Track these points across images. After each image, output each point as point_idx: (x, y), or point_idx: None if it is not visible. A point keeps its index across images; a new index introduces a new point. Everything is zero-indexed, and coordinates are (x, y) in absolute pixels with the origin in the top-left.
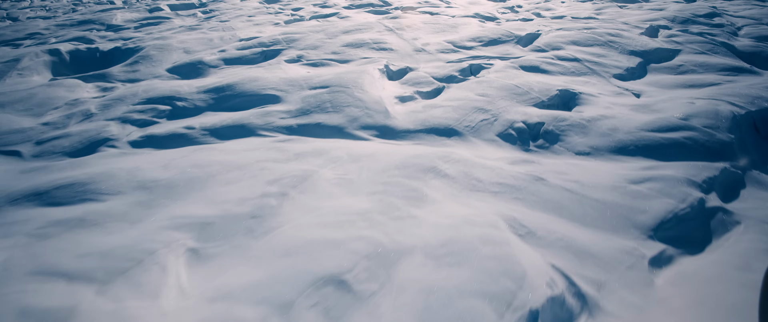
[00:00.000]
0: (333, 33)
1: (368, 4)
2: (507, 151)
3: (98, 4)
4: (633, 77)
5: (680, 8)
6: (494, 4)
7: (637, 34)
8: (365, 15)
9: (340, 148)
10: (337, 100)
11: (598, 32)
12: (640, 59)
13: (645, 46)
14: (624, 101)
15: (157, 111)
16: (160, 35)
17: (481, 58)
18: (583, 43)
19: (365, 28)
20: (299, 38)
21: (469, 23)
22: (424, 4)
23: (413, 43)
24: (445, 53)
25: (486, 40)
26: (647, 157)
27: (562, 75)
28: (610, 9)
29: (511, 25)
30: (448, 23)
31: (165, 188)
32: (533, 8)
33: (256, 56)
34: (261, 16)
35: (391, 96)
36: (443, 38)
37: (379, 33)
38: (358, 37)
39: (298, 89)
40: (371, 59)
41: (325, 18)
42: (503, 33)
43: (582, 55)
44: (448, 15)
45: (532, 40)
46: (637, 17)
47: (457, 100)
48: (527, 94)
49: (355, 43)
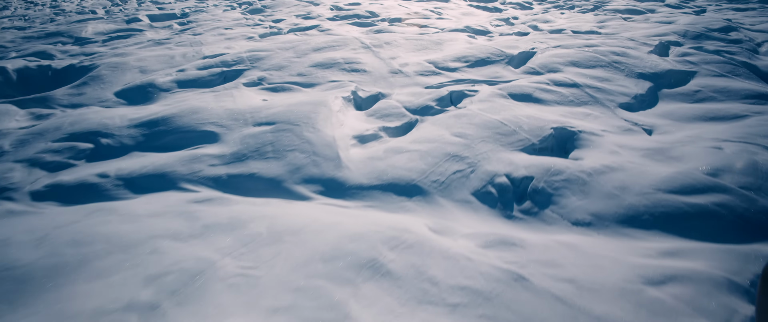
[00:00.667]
0: (303, 51)
1: (354, 16)
2: (482, 220)
3: (79, 14)
4: (642, 106)
5: (691, 21)
6: (489, 15)
7: (646, 52)
8: (348, 28)
9: (264, 217)
10: (280, 143)
11: (600, 51)
12: (650, 84)
13: (655, 67)
14: (634, 142)
15: (76, 151)
16: (123, 51)
17: (465, 83)
18: (583, 65)
19: (340, 45)
20: (266, 57)
21: (456, 39)
22: (414, 16)
23: (390, 63)
24: (425, 76)
25: (473, 61)
26: (667, 231)
27: (559, 105)
28: (613, 21)
29: (503, 41)
30: (432, 39)
31: (13, 284)
32: (530, 20)
33: (214, 78)
34: (238, 28)
35: (349, 135)
36: (425, 57)
37: (354, 51)
38: (329, 55)
39: (242, 125)
40: (339, 83)
41: (305, 31)
42: (493, 51)
43: (582, 79)
44: (437, 28)
45: (525, 60)
46: (643, 31)
47: (428, 141)
48: (514, 134)
49: (325, 64)
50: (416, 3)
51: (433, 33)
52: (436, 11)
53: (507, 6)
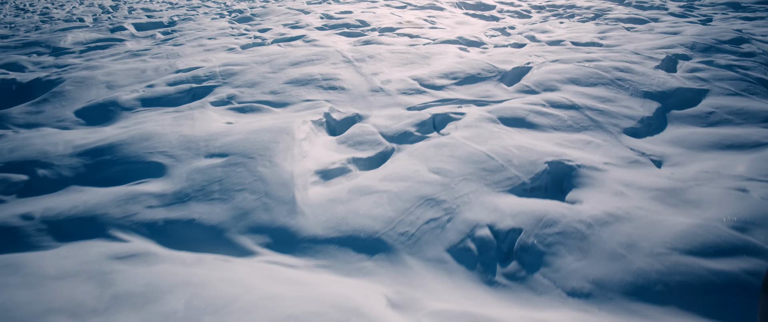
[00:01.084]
0: (280, 65)
1: (343, 25)
2: (457, 287)
3: (66, 21)
4: (650, 131)
5: (698, 32)
6: (484, 24)
7: (652, 67)
8: (335, 38)
9: (187, 284)
10: (230, 180)
11: (602, 66)
12: (657, 104)
13: (662, 84)
14: (642, 178)
15: (7, 184)
16: (96, 63)
17: (451, 103)
18: (584, 82)
19: (320, 59)
20: (240, 71)
21: (446, 52)
22: (406, 25)
23: (371, 79)
24: (408, 95)
25: (461, 77)
26: (687, 309)
27: (556, 131)
28: (615, 32)
29: (497, 54)
30: (420, 52)
31: None
32: (527, 30)
33: (182, 95)
34: (221, 39)
35: (312, 170)
36: (410, 73)
37: (334, 65)
38: (307, 71)
39: (193, 156)
40: (313, 103)
41: (289, 41)
42: (485, 67)
43: (583, 99)
44: (428, 38)
45: (519, 76)
46: (648, 43)
47: (401, 179)
48: (502, 170)
49: (302, 80)
50: (410, 11)
51: (422, 45)
52: (429, 20)
53: (504, 14)
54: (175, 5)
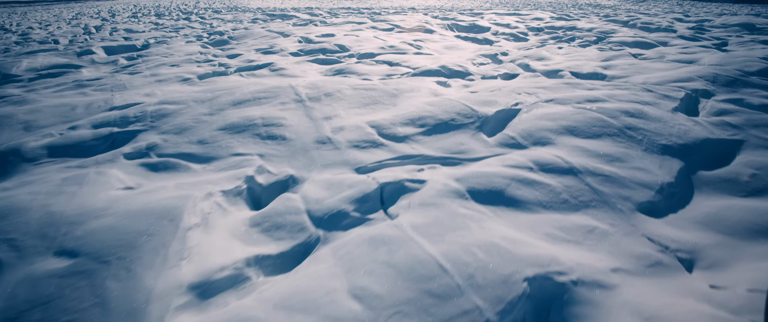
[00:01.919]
0: (221, 105)
1: (320, 50)
2: None
3: (40, 43)
4: (673, 206)
5: (718, 61)
6: (476, 48)
7: (668, 109)
8: (306, 67)
9: None
10: (61, 304)
11: (608, 109)
12: (679, 163)
13: (684, 134)
14: (670, 299)
15: None
16: (31, 97)
17: (412, 162)
18: (584, 133)
19: (268, 98)
20: (175, 112)
21: (419, 88)
22: (388, 50)
23: (321, 126)
24: (360, 149)
25: (431, 124)
26: None
27: (545, 211)
28: (621, 59)
29: (481, 89)
30: (387, 89)
31: None
32: (521, 57)
33: (98, 143)
34: (184, 66)
35: (186, 284)
36: (370, 117)
37: (283, 106)
38: (249, 113)
39: (39, 252)
40: (242, 159)
41: (254, 71)
42: (461, 110)
43: (583, 158)
44: (408, 67)
45: (504, 122)
46: (660, 74)
47: (304, 309)
48: (458, 296)
49: (239, 126)
50: (397, 34)
51: (399, 75)
52: (415, 44)
53: (499, 37)
54: (160, 26)
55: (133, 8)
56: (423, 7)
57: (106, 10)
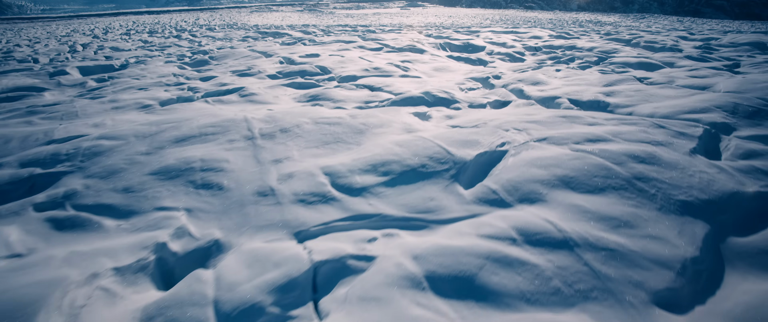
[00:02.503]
0: (162, 142)
1: (299, 73)
2: None
3: (20, 62)
4: (699, 296)
5: (736, 86)
6: (468, 70)
7: (685, 150)
8: (279, 92)
9: None
10: None
11: (613, 153)
12: (704, 227)
13: (708, 186)
14: None
15: None
16: None
17: (366, 224)
18: (583, 186)
19: (216, 133)
20: (110, 150)
21: (392, 122)
22: (372, 72)
23: (267, 171)
24: (306, 205)
25: (397, 172)
26: None
27: (529, 308)
28: (626, 84)
29: (464, 124)
30: (354, 124)
31: None
32: (515, 80)
33: (13, 188)
34: (152, 89)
35: None
36: (326, 161)
37: (230, 145)
38: (190, 153)
39: None
40: (163, 216)
41: (222, 96)
42: (435, 153)
43: (581, 224)
44: (390, 93)
45: (485, 169)
46: (671, 104)
47: None
48: None
49: (174, 169)
50: (385, 54)
51: (377, 103)
52: (403, 65)
53: (494, 58)
54: (147, 45)
55: (132, 24)
56: (420, 25)
57: (102, 26)
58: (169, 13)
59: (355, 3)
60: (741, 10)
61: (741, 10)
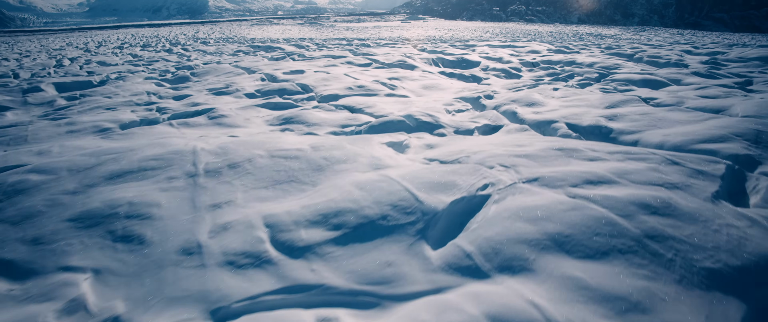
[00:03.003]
0: (93, 179)
1: (278, 92)
2: None
3: (1, 77)
4: None
5: (754, 109)
6: (459, 87)
7: (706, 195)
8: (252, 113)
9: None
10: None
11: (617, 201)
12: (739, 308)
13: (737, 246)
14: None
15: None
16: None
17: (302, 301)
18: (581, 248)
19: (157, 169)
20: (36, 186)
21: (358, 156)
22: (356, 91)
23: (200, 221)
24: (234, 270)
25: (352, 225)
26: None
27: None
28: (630, 106)
29: (443, 157)
30: (315, 158)
31: None
32: (509, 100)
33: None
34: (120, 109)
35: None
36: (273, 206)
37: (167, 183)
38: (119, 194)
39: None
40: (65, 280)
41: (190, 118)
42: (401, 199)
43: (578, 310)
44: (370, 115)
45: (461, 221)
46: (683, 131)
47: None
48: None
49: (95, 215)
50: (374, 70)
51: (354, 127)
52: (390, 83)
53: (488, 74)
54: (136, 59)
55: (130, 38)
56: (418, 38)
57: (99, 39)
58: (170, 27)
59: (355, 16)
60: (741, 23)
61: (741, 22)
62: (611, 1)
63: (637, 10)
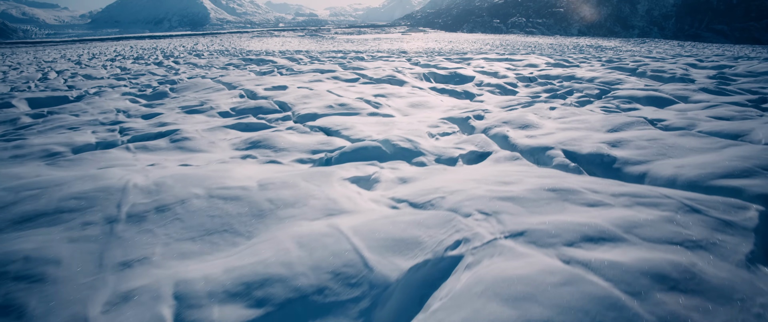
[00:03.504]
0: (6, 221)
1: (254, 110)
2: None
3: None
4: None
5: None
6: (449, 106)
7: (738, 259)
8: (219, 136)
9: None
10: None
11: (625, 269)
12: None
13: None
14: None
15: None
16: None
17: None
18: None
19: (77, 210)
20: None
21: (311, 199)
22: (337, 109)
23: (101, 286)
24: None
25: (280, 299)
26: None
27: None
28: (635, 130)
29: (413, 196)
30: (259, 200)
31: None
32: (500, 121)
33: None
34: (80, 130)
35: None
36: (194, 268)
37: (81, 231)
38: (17, 246)
39: None
40: None
41: (151, 140)
42: (346, 263)
43: None
44: (345, 139)
45: (418, 300)
46: (698, 162)
47: None
48: None
49: None
50: (361, 86)
51: (325, 154)
52: (374, 101)
53: (482, 90)
54: (123, 71)
55: (129, 50)
56: (415, 51)
57: (96, 51)
58: (170, 39)
59: (356, 28)
60: (742, 35)
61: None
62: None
63: (638, 22)
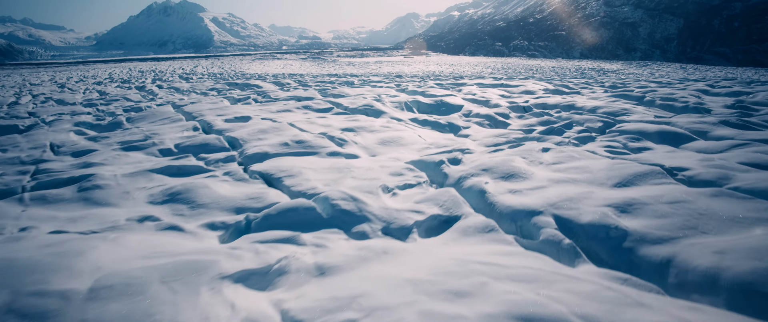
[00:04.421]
0: None
1: (199, 147)
2: None
3: None
4: None
5: None
6: (429, 141)
7: None
8: (144, 182)
9: None
10: None
11: None
12: None
13: None
14: None
15: None
16: None
17: None
18: None
19: None
20: None
21: (212, 309)
22: (293, 147)
23: None
24: None
25: None
26: None
27: None
28: (650, 186)
29: None
30: (151, 313)
31: None
32: (480, 167)
33: None
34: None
35: None
36: None
37: None
38: None
39: None
40: None
41: (60, 187)
42: None
43: None
44: (287, 188)
45: None
46: (748, 249)
47: None
48: None
49: None
50: (333, 116)
51: (244, 218)
52: (339, 138)
53: (470, 122)
54: (99, 96)
55: (126, 73)
56: (410, 74)
57: (84, 74)
58: (172, 61)
59: (359, 51)
60: (744, 57)
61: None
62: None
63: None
